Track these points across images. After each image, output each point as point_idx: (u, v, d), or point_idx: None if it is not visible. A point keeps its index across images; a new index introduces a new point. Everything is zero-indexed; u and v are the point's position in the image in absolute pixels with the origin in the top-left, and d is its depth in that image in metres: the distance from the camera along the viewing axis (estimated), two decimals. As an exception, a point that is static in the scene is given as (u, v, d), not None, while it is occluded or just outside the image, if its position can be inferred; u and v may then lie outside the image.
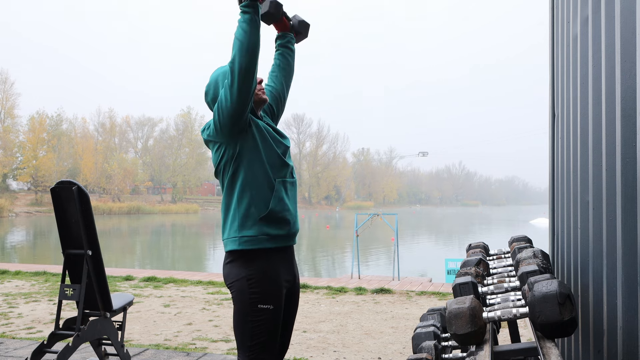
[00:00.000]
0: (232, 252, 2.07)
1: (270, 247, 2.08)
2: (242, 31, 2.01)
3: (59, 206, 2.98)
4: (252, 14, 2.03)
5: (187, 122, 73.10)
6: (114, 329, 3.14)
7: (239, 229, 2.06)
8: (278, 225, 2.09)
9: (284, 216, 2.11)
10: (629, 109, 1.69)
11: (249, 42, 2.00)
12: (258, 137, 2.09)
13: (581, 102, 2.51)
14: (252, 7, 2.03)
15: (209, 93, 2.19)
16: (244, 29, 2.01)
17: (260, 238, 2.05)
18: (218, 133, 2.06)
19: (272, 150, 2.11)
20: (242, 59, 1.98)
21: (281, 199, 2.10)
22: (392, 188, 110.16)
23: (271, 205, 2.07)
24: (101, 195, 61.55)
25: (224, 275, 2.12)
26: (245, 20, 2.02)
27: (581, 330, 2.54)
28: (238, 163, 2.08)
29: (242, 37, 2.00)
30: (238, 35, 2.02)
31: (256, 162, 2.08)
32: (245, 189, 2.07)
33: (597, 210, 2.15)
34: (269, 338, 2.04)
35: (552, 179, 3.64)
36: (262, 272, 2.05)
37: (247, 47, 1.99)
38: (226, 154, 2.08)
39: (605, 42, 1.99)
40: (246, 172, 2.07)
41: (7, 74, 58.20)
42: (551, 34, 3.67)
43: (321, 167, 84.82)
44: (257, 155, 2.08)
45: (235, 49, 2.01)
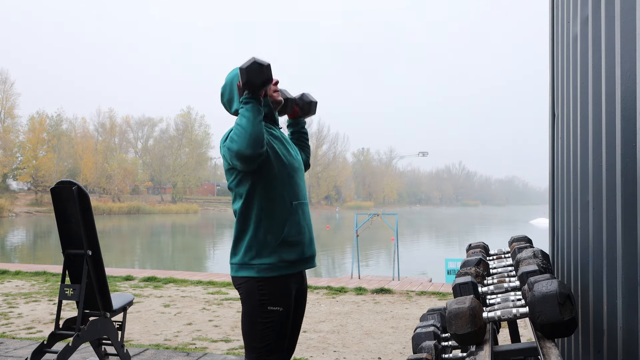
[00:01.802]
0: (246, 277, 2.04)
1: (287, 274, 2.06)
2: (245, 120, 1.92)
3: (59, 206, 2.98)
4: (254, 102, 1.96)
5: (187, 122, 73.10)
6: (114, 329, 3.14)
7: (255, 256, 2.03)
8: (294, 250, 2.07)
9: (301, 240, 2.10)
10: (629, 109, 1.69)
11: (252, 131, 1.91)
12: (273, 160, 2.05)
13: (581, 102, 2.51)
14: (255, 97, 1.97)
15: (225, 94, 2.17)
16: (246, 117, 1.92)
17: (278, 265, 2.03)
18: (230, 164, 2.04)
19: (286, 173, 2.09)
20: (246, 148, 1.89)
21: (297, 223, 2.09)
22: (392, 188, 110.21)
23: (287, 230, 2.05)
24: (101, 195, 61.55)
25: (233, 275, 2.11)
26: (247, 109, 1.94)
27: (581, 330, 2.54)
28: (254, 186, 2.04)
29: (246, 125, 1.91)
30: (241, 123, 1.93)
31: (272, 185, 2.05)
32: (262, 215, 2.04)
33: (597, 210, 2.15)
34: (277, 340, 2.03)
35: (552, 179, 3.64)
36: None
37: (249, 136, 1.90)
38: (240, 175, 2.06)
39: (605, 42, 1.99)
40: (262, 196, 2.04)
41: (7, 74, 58.30)
42: (551, 34, 3.67)
43: (321, 167, 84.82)
44: (272, 176, 2.05)
45: (237, 136, 1.92)
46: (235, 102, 2.12)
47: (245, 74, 1.94)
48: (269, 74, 1.97)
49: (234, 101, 2.13)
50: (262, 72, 1.95)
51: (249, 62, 1.94)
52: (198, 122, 74.13)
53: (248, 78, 1.94)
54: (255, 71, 1.94)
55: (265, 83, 1.97)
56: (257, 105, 1.95)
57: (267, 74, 1.97)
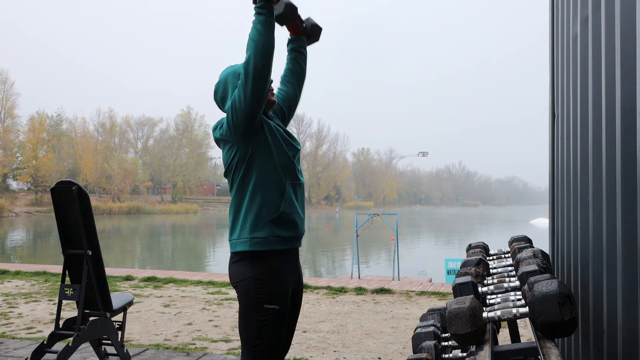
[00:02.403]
0: (241, 252, 2.07)
1: (279, 249, 2.08)
2: (257, 32, 1.99)
3: (59, 206, 2.98)
4: (267, 15, 2.01)
5: (187, 122, 73.10)
6: (114, 329, 3.13)
7: (250, 230, 2.05)
8: (288, 228, 2.10)
9: (294, 218, 2.11)
10: (629, 109, 1.69)
11: (264, 44, 1.98)
12: (270, 139, 2.09)
13: (581, 102, 2.51)
14: (267, 8, 2.02)
15: (219, 92, 2.18)
16: (258, 30, 2.00)
17: (271, 240, 2.05)
18: (231, 133, 2.06)
19: (283, 152, 2.11)
20: (257, 60, 1.97)
21: (291, 201, 2.11)
22: (392, 188, 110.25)
23: (282, 207, 2.07)
24: (101, 195, 61.55)
25: (230, 274, 2.12)
26: (260, 21, 2.01)
27: (581, 330, 2.54)
28: (250, 164, 2.07)
29: (257, 38, 1.99)
30: (253, 36, 2.00)
31: (268, 164, 2.08)
32: (257, 190, 2.07)
33: (597, 210, 2.15)
34: (273, 338, 2.04)
35: (552, 179, 3.64)
36: (269, 273, 2.05)
37: (262, 48, 1.98)
38: (238, 154, 2.08)
39: (605, 42, 1.99)
40: (258, 173, 2.07)
41: (7, 74, 58.31)
42: (551, 34, 3.67)
43: (321, 167, 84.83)
44: (269, 156, 2.08)
45: (249, 49, 1.99)
46: (228, 100, 2.13)
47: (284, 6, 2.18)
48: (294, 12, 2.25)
49: (227, 99, 2.15)
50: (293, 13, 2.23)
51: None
52: (198, 122, 74.18)
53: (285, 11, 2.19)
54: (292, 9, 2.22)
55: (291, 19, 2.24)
56: (270, 17, 2.02)
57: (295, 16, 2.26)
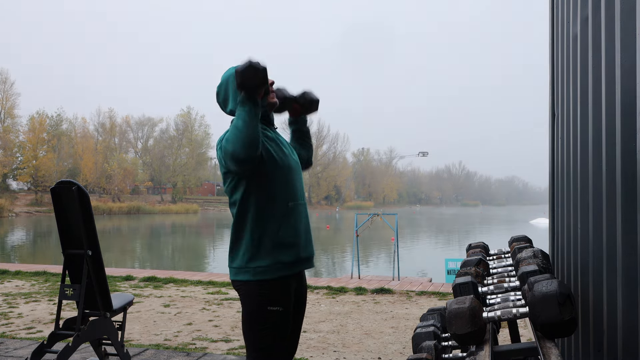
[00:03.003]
0: (244, 281, 2.04)
1: (284, 275, 2.05)
2: (242, 121, 1.91)
3: (59, 206, 2.98)
4: (251, 106, 1.93)
5: (187, 122, 73.07)
6: (114, 329, 3.13)
7: (252, 259, 2.02)
8: (291, 252, 2.06)
9: (296, 242, 2.09)
10: (629, 109, 1.69)
11: (248, 134, 1.90)
12: (268, 163, 2.05)
13: (581, 102, 2.51)
14: (251, 99, 1.94)
15: (220, 94, 2.16)
16: (243, 119, 1.91)
17: (274, 267, 2.02)
18: (226, 167, 2.02)
19: (282, 175, 2.08)
20: (241, 151, 1.89)
21: (293, 225, 2.08)
22: (392, 188, 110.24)
23: (284, 232, 2.04)
24: (101, 195, 61.54)
25: (232, 279, 2.11)
26: (244, 110, 1.93)
27: (581, 330, 2.54)
28: (249, 189, 2.04)
29: (242, 127, 1.90)
30: (237, 125, 1.92)
31: (268, 187, 2.04)
32: (258, 217, 2.03)
33: (597, 210, 2.15)
34: (277, 340, 2.03)
35: (552, 179, 3.63)
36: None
37: (245, 138, 1.89)
38: (236, 179, 2.05)
39: (605, 42, 1.99)
40: (258, 198, 2.03)
41: (7, 74, 58.17)
42: (551, 34, 3.67)
43: (321, 167, 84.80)
44: (268, 180, 2.04)
45: (232, 138, 1.91)
46: (230, 102, 2.12)
47: (240, 76, 1.92)
48: (265, 77, 1.95)
49: (229, 101, 2.13)
50: (258, 75, 1.93)
51: (244, 65, 1.93)
52: (198, 122, 74.17)
53: (243, 81, 1.93)
54: (251, 74, 1.92)
55: (260, 86, 1.95)
56: (254, 108, 1.94)
57: (263, 77, 1.94)
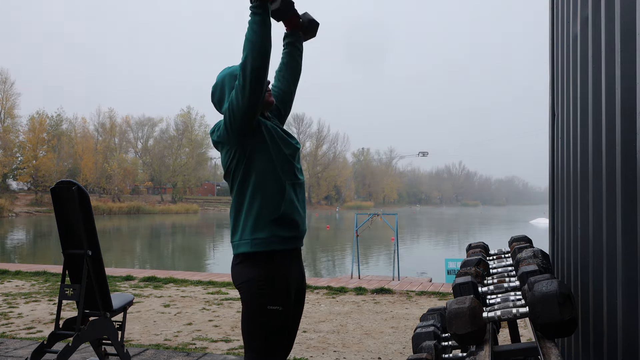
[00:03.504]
0: (243, 254, 2.06)
1: (281, 249, 2.07)
2: (253, 32, 1.97)
3: (59, 206, 2.98)
4: (263, 15, 1.99)
5: (187, 122, 73.08)
6: (114, 329, 3.13)
7: (251, 231, 2.05)
8: (289, 227, 2.09)
9: (294, 218, 2.10)
10: (629, 109, 1.69)
11: (261, 44, 1.96)
12: (268, 139, 2.08)
13: (581, 102, 2.51)
14: (262, 7, 1.99)
15: (216, 94, 2.17)
16: (254, 30, 1.97)
17: (272, 240, 2.04)
18: (229, 134, 2.05)
19: (281, 152, 2.10)
20: (254, 60, 1.95)
21: (292, 201, 2.10)
22: (392, 188, 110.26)
23: (282, 207, 2.06)
24: (101, 195, 61.54)
25: (233, 275, 2.11)
26: (255, 21, 1.98)
27: (581, 330, 2.54)
28: (249, 165, 2.06)
29: (253, 39, 1.96)
30: (249, 37, 1.98)
31: (267, 164, 2.07)
32: (257, 191, 2.06)
33: (597, 210, 2.15)
34: (277, 339, 2.03)
35: (552, 179, 3.64)
36: (272, 274, 2.04)
37: (258, 48, 1.95)
38: (236, 156, 2.07)
39: (605, 42, 1.99)
40: (257, 174, 2.06)
41: (7, 74, 58.17)
42: (551, 34, 3.67)
43: (321, 167, 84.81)
44: (267, 156, 2.07)
45: (246, 50, 1.97)
46: (225, 102, 2.13)
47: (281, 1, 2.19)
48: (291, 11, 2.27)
49: (224, 101, 2.14)
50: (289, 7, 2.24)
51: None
52: (198, 122, 74.16)
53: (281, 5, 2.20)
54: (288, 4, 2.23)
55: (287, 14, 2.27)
56: (266, 17, 1.99)
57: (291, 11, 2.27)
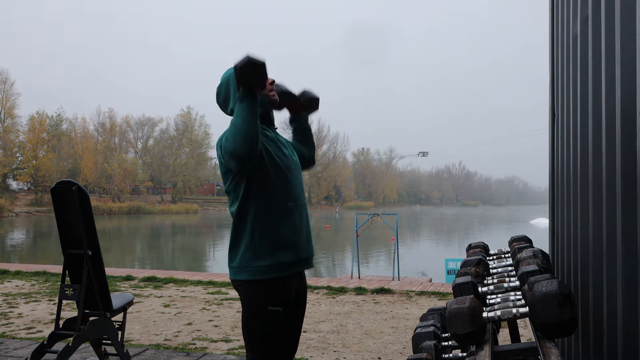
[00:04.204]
0: (244, 280, 2.03)
1: (284, 275, 2.05)
2: (240, 119, 1.89)
3: (59, 206, 2.98)
4: (249, 102, 1.92)
5: (187, 122, 73.06)
6: (114, 329, 3.13)
7: (252, 259, 2.02)
8: (292, 252, 2.06)
9: (297, 241, 2.08)
10: (629, 109, 1.69)
11: (247, 130, 1.88)
12: (268, 162, 2.04)
13: (581, 102, 2.51)
14: (249, 95, 1.93)
15: (221, 94, 2.15)
16: (242, 117, 1.89)
17: (275, 267, 2.02)
18: (226, 166, 2.02)
19: (281, 174, 2.08)
20: (239, 147, 1.87)
21: (293, 224, 2.08)
22: (392, 188, 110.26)
23: (284, 232, 2.04)
24: (101, 195, 61.53)
25: (231, 278, 2.11)
26: (243, 108, 1.91)
27: (581, 330, 2.54)
28: (248, 188, 2.04)
29: (241, 125, 1.88)
30: (235, 123, 1.90)
31: (267, 187, 2.04)
32: (258, 217, 2.03)
33: (597, 210, 2.15)
34: (278, 340, 2.03)
35: (552, 179, 3.64)
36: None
37: (244, 134, 1.87)
38: (235, 179, 2.05)
39: (605, 42, 1.99)
40: (257, 197, 2.03)
41: (7, 74, 58.16)
42: (551, 34, 3.67)
43: (321, 167, 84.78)
44: (267, 179, 2.04)
45: (231, 136, 1.89)
46: (230, 102, 2.11)
47: (239, 72, 1.89)
48: (264, 73, 1.92)
49: (229, 101, 2.12)
50: (257, 70, 1.90)
51: (242, 61, 1.90)
52: (198, 122, 74.15)
53: (241, 76, 1.90)
54: (250, 70, 1.89)
55: (259, 82, 1.93)
56: (253, 104, 1.92)
57: (262, 73, 1.91)
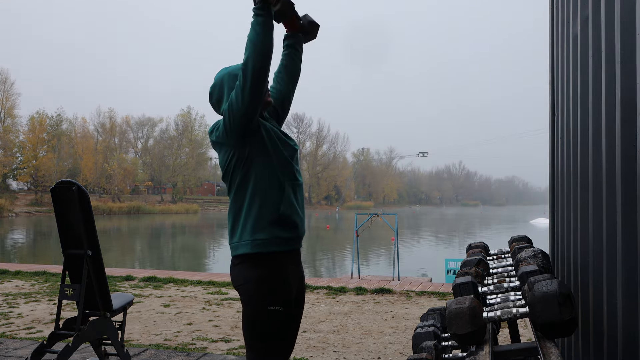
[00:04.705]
0: (242, 255, 2.05)
1: (281, 250, 2.07)
2: (255, 33, 1.99)
3: (59, 206, 2.98)
4: (265, 17, 2.01)
5: (187, 122, 73.09)
6: (114, 329, 3.13)
7: (251, 232, 2.04)
8: (288, 228, 2.09)
9: (294, 219, 2.10)
10: (629, 109, 1.69)
11: (263, 45, 1.97)
12: (267, 140, 2.07)
13: (581, 102, 2.51)
14: (265, 9, 2.01)
15: (214, 94, 2.16)
16: (257, 31, 1.99)
17: (272, 241, 2.04)
18: (228, 135, 2.04)
19: (280, 153, 2.10)
20: (256, 61, 1.96)
21: (291, 202, 2.10)
22: (392, 188, 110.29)
23: (282, 208, 2.06)
24: (101, 195, 61.53)
25: (232, 277, 2.10)
26: (258, 22, 2.00)
27: (581, 330, 2.54)
28: (248, 166, 2.06)
29: (255, 40, 1.98)
30: (251, 38, 1.99)
31: (266, 165, 2.07)
32: (256, 192, 2.05)
33: (597, 210, 2.15)
34: (278, 339, 2.03)
35: (552, 179, 3.64)
36: (271, 274, 2.04)
37: (260, 49, 1.97)
38: (235, 157, 2.07)
39: (605, 42, 1.99)
40: (256, 175, 2.06)
41: (7, 74, 58.21)
42: (551, 34, 3.67)
43: (321, 167, 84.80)
44: (266, 158, 2.07)
45: (248, 50, 1.99)
46: (224, 103, 2.13)
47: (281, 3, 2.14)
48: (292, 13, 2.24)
49: (222, 102, 2.14)
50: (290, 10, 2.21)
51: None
52: (198, 122, 74.17)
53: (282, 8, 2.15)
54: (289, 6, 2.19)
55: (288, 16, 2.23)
56: (268, 18, 2.01)
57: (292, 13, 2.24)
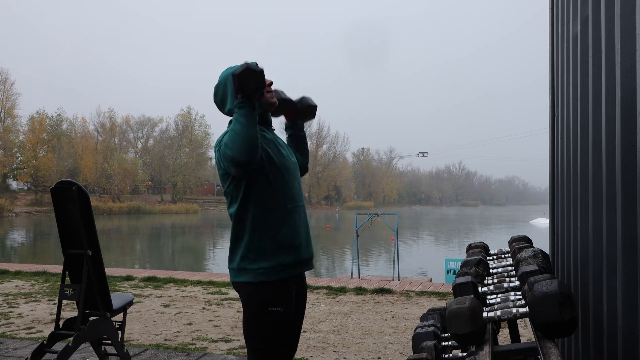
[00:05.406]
0: (245, 282, 2.03)
1: (287, 277, 2.05)
2: (240, 126, 1.90)
3: (59, 206, 2.98)
4: (248, 108, 1.92)
5: (187, 122, 73.06)
6: (114, 329, 3.14)
7: (252, 261, 2.02)
8: (292, 254, 2.07)
9: (296, 243, 2.09)
10: (629, 109, 1.69)
11: (247, 136, 1.88)
12: (267, 164, 2.05)
13: (581, 102, 2.51)
14: (249, 102, 1.93)
15: (218, 94, 2.15)
16: (240, 122, 1.90)
17: (276, 269, 2.03)
18: (225, 170, 2.02)
19: (281, 177, 2.08)
20: (238, 154, 1.88)
21: (293, 225, 2.09)
22: (392, 188, 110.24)
23: (283, 233, 2.05)
24: (101, 195, 61.52)
25: (232, 280, 2.11)
26: (241, 114, 1.91)
27: (581, 330, 2.54)
28: (248, 190, 2.04)
29: (240, 131, 1.89)
30: (236, 129, 1.90)
31: (266, 189, 2.04)
32: (257, 219, 2.03)
33: (597, 210, 2.14)
34: (279, 340, 2.03)
35: (552, 179, 3.64)
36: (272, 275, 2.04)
37: (243, 141, 1.88)
38: (234, 182, 2.05)
39: (605, 42, 1.99)
40: (256, 199, 2.04)
41: (7, 74, 58.26)
42: (551, 34, 3.67)
43: (321, 167, 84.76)
44: (266, 181, 2.05)
45: (230, 142, 1.90)
46: (228, 102, 2.10)
47: (237, 79, 1.91)
48: (262, 80, 1.94)
49: (227, 101, 2.11)
50: (255, 78, 1.91)
51: (241, 68, 1.92)
52: (198, 122, 74.17)
53: (240, 84, 1.91)
54: (248, 77, 1.91)
55: (258, 89, 1.94)
56: (251, 111, 1.92)
57: (260, 80, 1.93)
